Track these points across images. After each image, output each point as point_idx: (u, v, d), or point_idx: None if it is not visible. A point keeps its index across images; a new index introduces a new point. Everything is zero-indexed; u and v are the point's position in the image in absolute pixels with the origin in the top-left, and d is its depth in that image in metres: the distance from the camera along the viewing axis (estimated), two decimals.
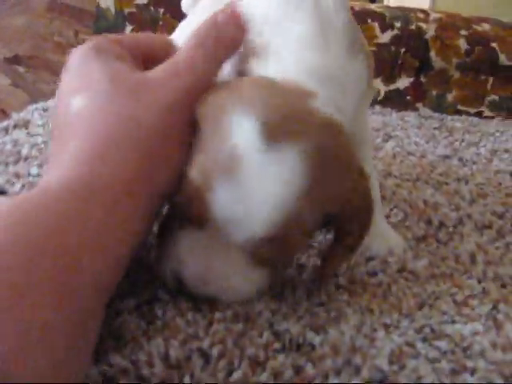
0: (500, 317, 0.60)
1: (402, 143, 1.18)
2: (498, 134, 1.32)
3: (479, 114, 1.55)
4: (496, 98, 1.57)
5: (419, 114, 1.44)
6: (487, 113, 1.56)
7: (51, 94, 1.34)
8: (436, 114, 1.45)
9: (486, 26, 1.59)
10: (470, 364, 0.52)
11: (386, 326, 0.56)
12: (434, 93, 1.57)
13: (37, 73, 1.70)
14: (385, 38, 1.57)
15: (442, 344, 0.54)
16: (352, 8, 1.60)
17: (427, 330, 0.56)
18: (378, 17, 1.58)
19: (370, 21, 1.58)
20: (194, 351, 0.50)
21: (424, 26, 1.58)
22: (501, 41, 1.56)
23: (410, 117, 1.41)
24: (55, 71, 1.69)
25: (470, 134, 1.31)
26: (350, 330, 0.55)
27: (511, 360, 0.53)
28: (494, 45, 1.56)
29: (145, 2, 1.63)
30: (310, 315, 0.57)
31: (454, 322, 0.58)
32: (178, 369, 0.48)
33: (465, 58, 1.56)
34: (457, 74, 1.57)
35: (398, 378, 0.49)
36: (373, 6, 1.65)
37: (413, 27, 1.58)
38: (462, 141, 1.24)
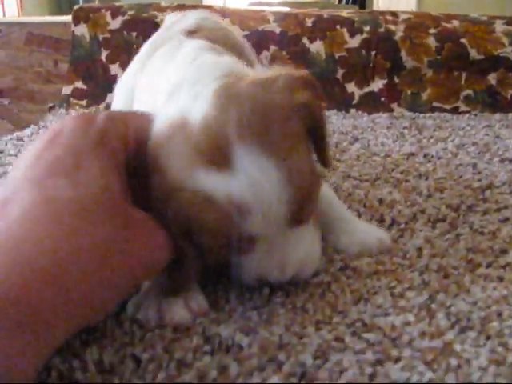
0: (434, 306, 0.61)
1: (368, 144, 1.19)
2: (468, 128, 1.33)
3: (455, 110, 1.55)
4: (471, 92, 1.58)
5: (391, 115, 1.45)
6: (463, 108, 1.56)
7: (32, 123, 1.38)
8: (408, 114, 1.47)
9: (455, 23, 1.60)
10: (394, 353, 0.53)
11: (318, 323, 0.58)
12: (409, 92, 1.58)
13: (19, 103, 1.74)
14: (354, 42, 1.58)
15: (371, 336, 0.55)
16: (320, 16, 1.63)
17: (359, 324, 0.58)
18: (347, 22, 1.60)
19: (338, 27, 1.60)
20: (127, 357, 0.52)
21: (393, 27, 1.59)
22: (470, 36, 1.57)
23: (382, 118, 1.42)
24: (36, 100, 1.73)
25: (441, 129, 1.32)
26: (280, 329, 0.56)
27: (436, 346, 0.54)
28: (463, 40, 1.57)
29: (118, 27, 1.66)
30: (243, 319, 0.58)
31: (387, 314, 0.59)
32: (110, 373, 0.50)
33: (436, 55, 1.57)
34: (429, 72, 1.58)
35: (319, 371, 0.50)
36: (343, 13, 1.66)
37: (382, 30, 1.59)
38: (431, 137, 1.25)
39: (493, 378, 0.50)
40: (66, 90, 1.68)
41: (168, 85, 0.63)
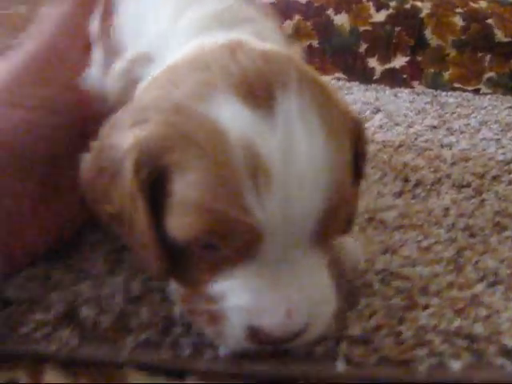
0: (462, 261, 0.60)
1: (390, 115, 1.18)
2: (490, 108, 1.32)
3: (476, 92, 1.54)
4: (493, 75, 1.56)
5: (413, 91, 1.44)
6: (484, 90, 1.54)
7: None
8: (430, 90, 1.45)
9: (482, 3, 1.58)
10: (422, 301, 0.53)
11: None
12: (431, 71, 1.56)
13: None
14: (380, 16, 1.57)
15: (399, 284, 0.55)
16: None
17: (386, 273, 0.57)
18: None
19: (365, 0, 1.58)
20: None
21: (419, 4, 1.57)
22: (497, 17, 1.55)
23: (403, 93, 1.41)
24: None
25: (463, 107, 1.31)
26: None
27: (465, 297, 0.54)
28: (490, 21, 1.55)
29: None
30: None
31: (415, 265, 0.59)
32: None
33: (461, 35, 1.55)
34: (453, 52, 1.56)
35: (350, 312, 0.51)
36: None
37: (408, 6, 1.57)
38: (453, 113, 1.23)
39: None
40: None
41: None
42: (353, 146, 0.45)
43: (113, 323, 0.48)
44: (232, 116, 0.39)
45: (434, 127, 1.12)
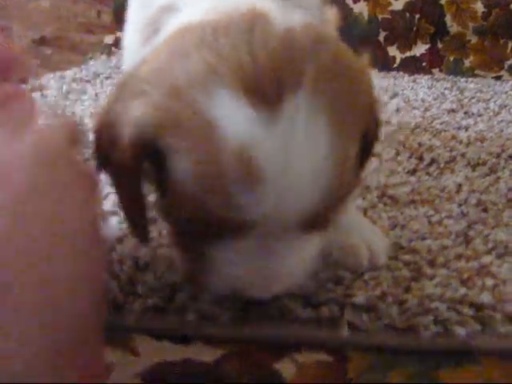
0: (472, 233, 0.60)
1: (408, 100, 1.18)
2: (511, 93, 1.30)
3: (498, 79, 1.52)
4: None
5: (432, 77, 1.43)
6: (507, 77, 1.53)
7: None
8: (450, 77, 1.44)
9: None
10: (429, 272, 0.53)
11: None
12: (451, 58, 1.55)
13: (62, 53, 1.75)
14: (399, 4, 1.55)
15: (407, 257, 0.55)
16: None
17: (395, 247, 0.57)
18: None
19: None
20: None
21: None
22: None
23: (423, 79, 1.41)
24: (78, 50, 1.75)
25: (483, 92, 1.30)
26: None
27: (472, 267, 0.53)
28: None
29: None
30: None
31: (424, 239, 0.59)
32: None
33: (482, 21, 1.53)
34: (474, 39, 1.55)
35: (354, 283, 0.51)
36: None
37: None
38: (472, 98, 1.23)
39: None
40: (108, 39, 1.70)
41: None
42: (365, 127, 0.43)
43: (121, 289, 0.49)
44: (231, 114, 0.37)
45: (452, 110, 1.11)
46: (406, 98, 1.19)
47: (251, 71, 0.37)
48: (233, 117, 0.37)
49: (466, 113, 1.10)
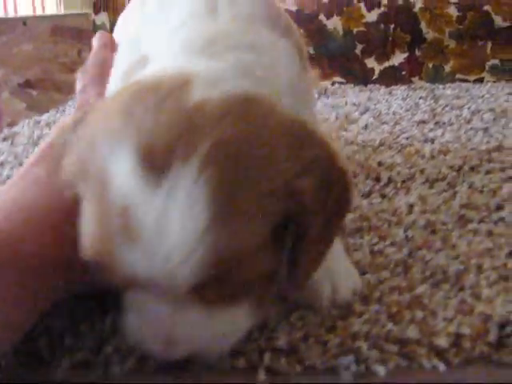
0: (411, 261, 0.58)
1: (379, 114, 1.16)
2: (487, 96, 1.28)
3: (480, 81, 1.50)
4: (497, 62, 1.52)
5: (409, 87, 1.41)
6: (488, 78, 1.50)
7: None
8: (427, 85, 1.42)
9: None
10: (360, 309, 0.51)
11: None
12: (431, 65, 1.53)
13: (47, 94, 1.77)
14: (372, 16, 1.54)
15: None
16: None
17: None
18: None
19: (355, 1, 1.56)
20: None
21: None
22: (494, 3, 1.51)
23: (399, 90, 1.39)
24: (63, 90, 1.76)
25: (459, 98, 1.27)
26: None
27: (403, 300, 0.52)
28: (487, 8, 1.51)
29: None
30: None
31: (364, 273, 0.57)
32: None
33: (457, 25, 1.52)
34: (452, 43, 1.53)
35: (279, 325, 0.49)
36: None
37: (400, 2, 1.54)
38: (446, 106, 1.20)
39: (456, 327, 0.47)
40: None
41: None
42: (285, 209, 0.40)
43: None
44: (122, 174, 0.38)
45: (423, 122, 1.10)
46: (377, 112, 1.17)
47: (150, 137, 0.38)
48: (123, 177, 0.38)
49: (436, 123, 1.08)
